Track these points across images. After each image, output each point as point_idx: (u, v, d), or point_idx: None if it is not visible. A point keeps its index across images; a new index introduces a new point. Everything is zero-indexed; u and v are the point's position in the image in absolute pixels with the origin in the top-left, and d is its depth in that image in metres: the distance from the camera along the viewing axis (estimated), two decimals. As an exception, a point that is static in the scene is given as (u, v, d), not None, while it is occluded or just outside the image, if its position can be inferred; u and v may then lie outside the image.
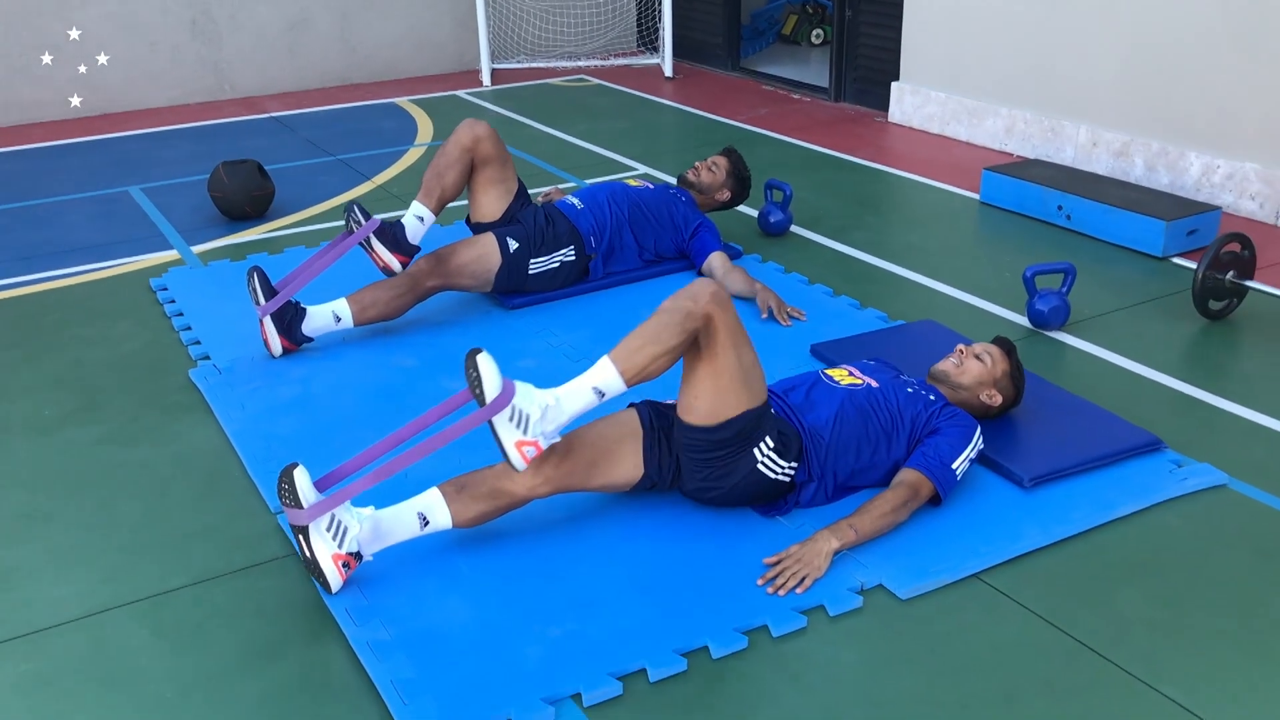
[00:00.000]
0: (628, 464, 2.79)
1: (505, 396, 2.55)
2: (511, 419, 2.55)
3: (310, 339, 3.91)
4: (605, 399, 2.64)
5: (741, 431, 2.71)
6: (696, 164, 4.72)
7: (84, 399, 3.68)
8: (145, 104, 7.83)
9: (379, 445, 2.73)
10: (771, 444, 2.77)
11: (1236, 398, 3.54)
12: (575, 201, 4.37)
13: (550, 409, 2.58)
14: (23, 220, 5.47)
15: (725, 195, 4.67)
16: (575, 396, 2.61)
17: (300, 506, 2.55)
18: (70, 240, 5.16)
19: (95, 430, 3.48)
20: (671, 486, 2.88)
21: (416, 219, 3.92)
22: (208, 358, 3.91)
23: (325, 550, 2.56)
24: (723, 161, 4.69)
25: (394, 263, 3.85)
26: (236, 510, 3.04)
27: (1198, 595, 2.62)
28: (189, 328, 4.15)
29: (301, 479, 2.56)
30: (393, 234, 3.85)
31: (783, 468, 2.81)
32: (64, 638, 2.57)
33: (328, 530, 2.57)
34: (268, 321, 3.81)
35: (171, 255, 4.93)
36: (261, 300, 3.78)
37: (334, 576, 2.59)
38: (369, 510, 2.64)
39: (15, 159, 6.65)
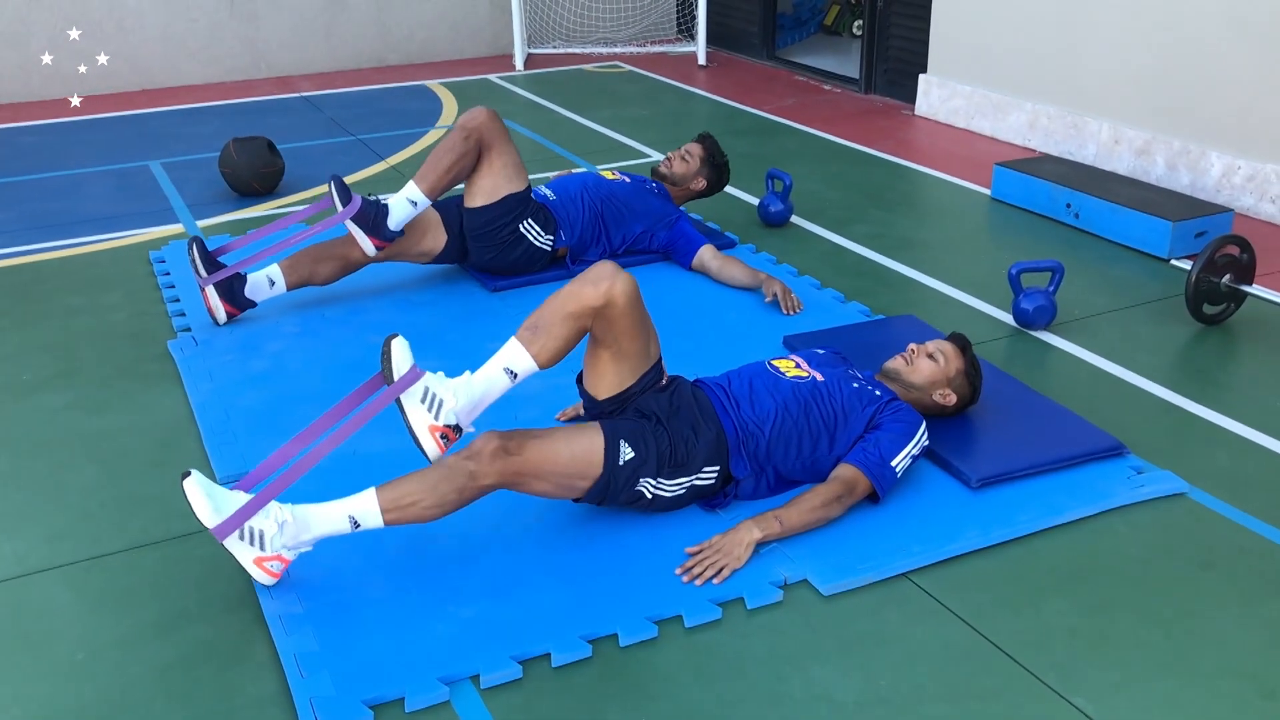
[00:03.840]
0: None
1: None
2: None
3: (254, 303, 3.94)
4: (360, 529, 2.56)
5: (608, 485, 2.69)
6: (669, 154, 4.56)
7: (63, 365, 3.74)
8: (182, 80, 7.96)
9: (295, 440, 2.66)
10: (654, 483, 2.74)
11: (1216, 405, 3.42)
12: (547, 192, 4.29)
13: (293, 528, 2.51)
14: (41, 191, 5.59)
15: (700, 184, 4.49)
16: (325, 521, 2.54)
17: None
18: (81, 212, 5.26)
19: (67, 396, 3.55)
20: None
21: (409, 203, 3.86)
22: (189, 329, 3.96)
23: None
24: (696, 149, 4.50)
25: (369, 246, 3.84)
26: (184, 479, 3.07)
27: (1127, 605, 2.53)
28: (177, 299, 4.20)
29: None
30: (373, 217, 3.82)
31: (679, 486, 2.77)
32: (-9, 596, 2.62)
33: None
34: (210, 290, 3.85)
35: (176, 229, 5.00)
36: (203, 272, 3.81)
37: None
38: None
39: (47, 131, 6.80)
